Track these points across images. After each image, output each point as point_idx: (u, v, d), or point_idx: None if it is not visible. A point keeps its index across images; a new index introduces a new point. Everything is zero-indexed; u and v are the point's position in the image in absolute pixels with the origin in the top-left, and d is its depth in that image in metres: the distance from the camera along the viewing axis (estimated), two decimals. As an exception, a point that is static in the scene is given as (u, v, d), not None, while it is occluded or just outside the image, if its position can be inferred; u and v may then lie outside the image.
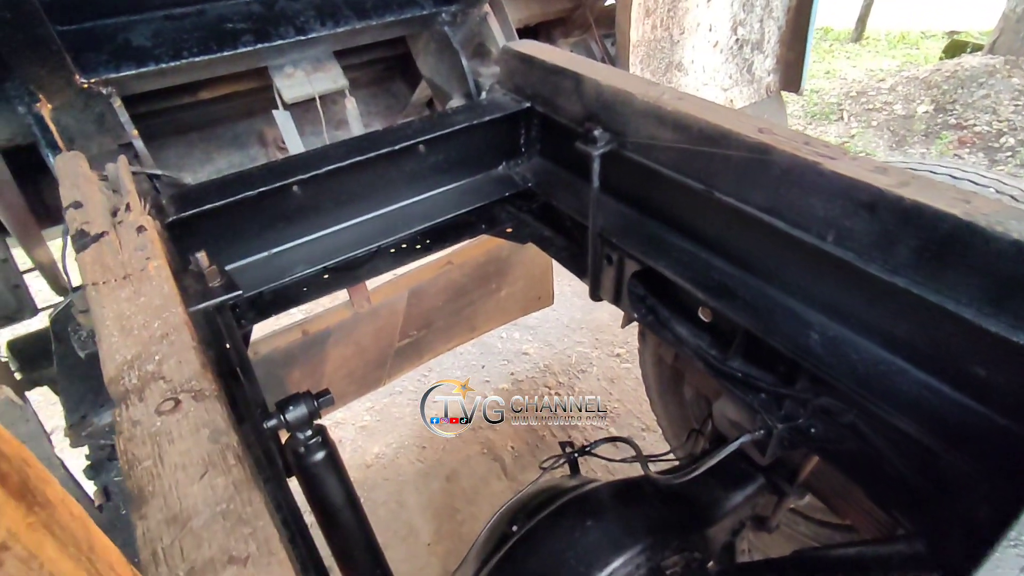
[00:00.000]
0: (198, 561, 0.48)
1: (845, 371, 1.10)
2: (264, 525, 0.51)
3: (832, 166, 0.99)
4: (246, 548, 0.49)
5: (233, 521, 0.51)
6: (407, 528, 2.39)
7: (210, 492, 0.54)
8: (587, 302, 3.61)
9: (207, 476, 0.55)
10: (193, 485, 0.55)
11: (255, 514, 0.52)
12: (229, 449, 0.58)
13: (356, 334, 2.38)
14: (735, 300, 1.29)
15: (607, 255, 1.59)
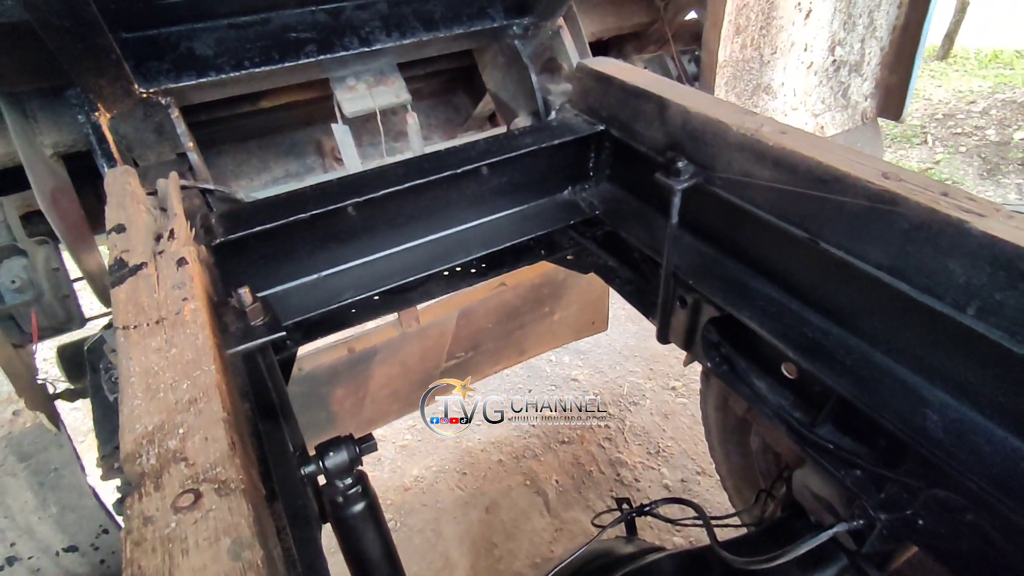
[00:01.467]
0: None
1: (974, 465, 0.93)
2: None
3: (983, 226, 0.82)
4: None
5: None
6: (443, 560, 2.29)
7: (223, 638, 0.43)
8: (642, 329, 3.44)
9: (222, 611, 0.44)
10: (204, 623, 0.44)
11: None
12: (252, 570, 0.47)
13: (402, 353, 2.30)
14: (832, 363, 1.12)
15: (680, 297, 1.44)
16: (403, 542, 2.34)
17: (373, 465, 2.65)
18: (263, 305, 0.92)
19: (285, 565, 0.63)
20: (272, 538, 0.58)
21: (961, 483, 0.97)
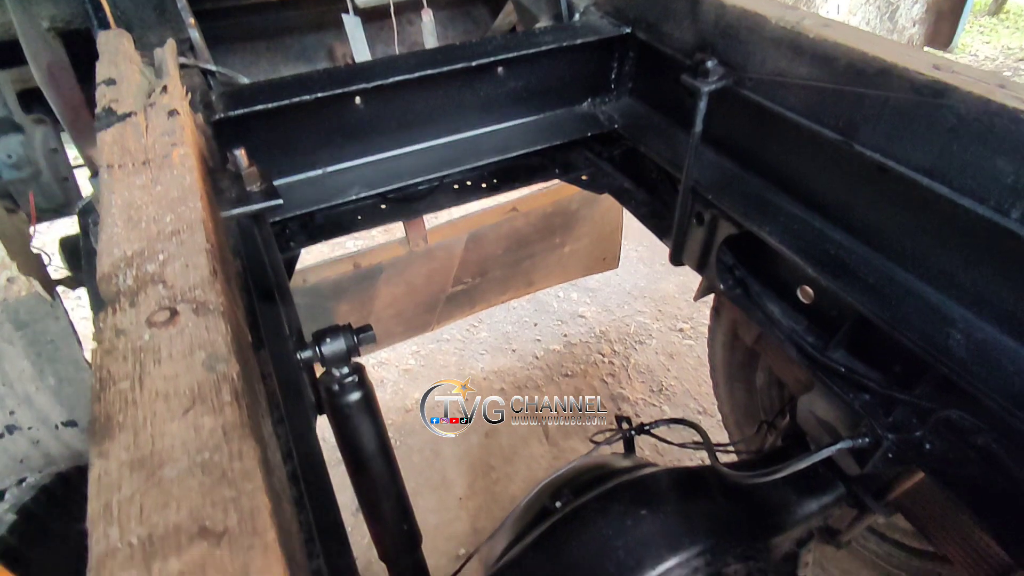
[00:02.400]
0: (159, 527, 0.35)
1: (995, 383, 0.89)
2: (253, 491, 0.38)
3: (1042, 116, 0.75)
4: (224, 519, 0.36)
5: (215, 478, 0.38)
6: (440, 479, 2.32)
7: (192, 434, 0.41)
8: (653, 269, 3.39)
9: (193, 412, 0.42)
10: (173, 421, 0.42)
11: (244, 474, 0.38)
12: (226, 382, 0.44)
13: (409, 273, 2.27)
14: (855, 281, 1.07)
15: (698, 213, 1.38)
16: (402, 459, 2.37)
17: (376, 386, 2.67)
18: (260, 172, 0.87)
19: (280, 451, 0.61)
20: (254, 372, 0.55)
21: (978, 403, 0.94)
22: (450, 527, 2.17)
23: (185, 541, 0.35)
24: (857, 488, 1.37)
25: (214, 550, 0.35)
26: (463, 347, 2.83)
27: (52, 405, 1.13)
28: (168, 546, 0.35)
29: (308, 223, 1.63)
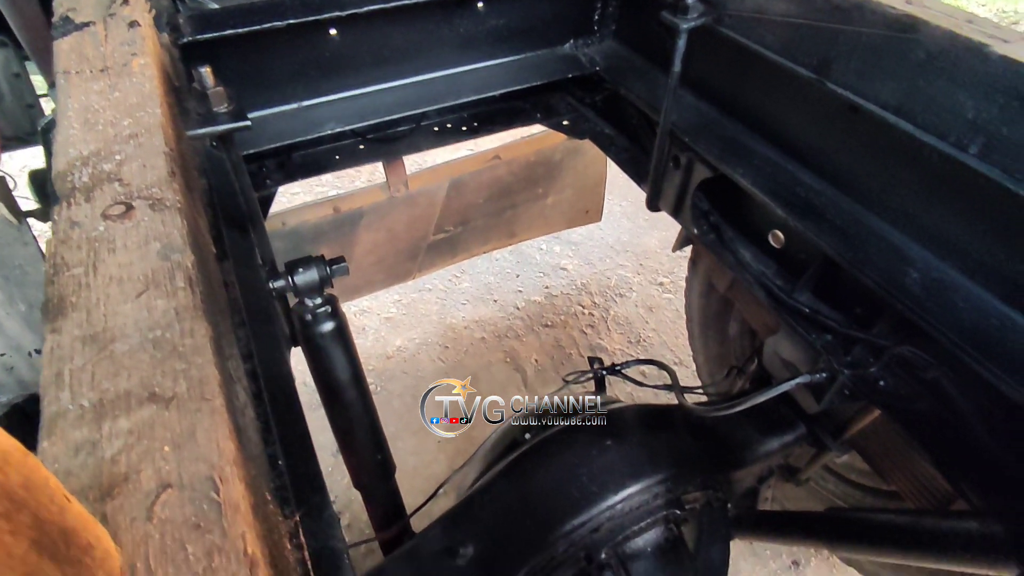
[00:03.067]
0: (110, 392, 0.37)
1: (946, 319, 0.92)
2: (203, 364, 0.39)
3: (1005, 51, 0.76)
4: (173, 387, 0.37)
5: (165, 352, 0.39)
6: (420, 423, 2.36)
7: (145, 314, 0.42)
8: (636, 224, 3.40)
9: (146, 296, 0.43)
10: (127, 303, 0.42)
11: (194, 349, 0.40)
12: (180, 270, 0.45)
13: (390, 219, 2.26)
14: (822, 222, 1.09)
15: (675, 156, 1.39)
16: (382, 404, 2.41)
17: (357, 334, 2.70)
18: (227, 93, 0.86)
19: (251, 383, 0.62)
20: (213, 274, 0.56)
21: (930, 340, 0.97)
22: (428, 468, 2.23)
23: (135, 404, 0.36)
24: (816, 427, 1.43)
25: (163, 412, 0.36)
26: (445, 296, 2.85)
27: (24, 331, 1.13)
28: (118, 408, 0.36)
29: (285, 162, 1.61)
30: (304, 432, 0.70)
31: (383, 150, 1.66)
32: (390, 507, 1.32)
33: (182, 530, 0.31)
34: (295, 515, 0.47)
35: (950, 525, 0.96)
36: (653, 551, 1.11)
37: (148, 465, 0.34)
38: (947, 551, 0.95)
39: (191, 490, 0.33)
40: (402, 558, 1.19)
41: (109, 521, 0.32)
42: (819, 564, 1.99)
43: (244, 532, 0.31)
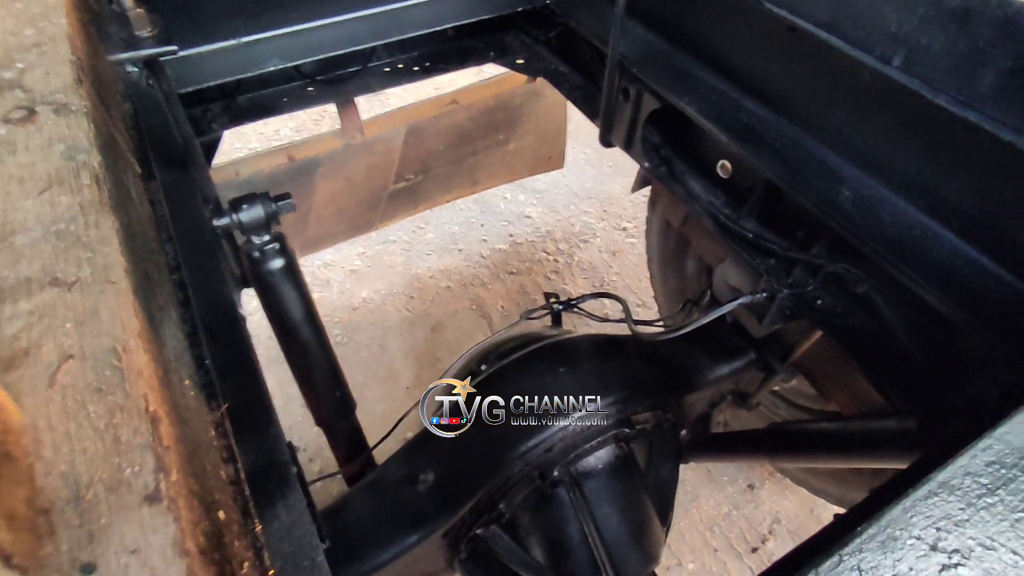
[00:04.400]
0: (9, 279, 0.37)
1: (874, 233, 0.96)
2: (109, 252, 0.39)
3: (924, -42, 0.77)
4: (77, 272, 0.38)
5: (69, 243, 0.39)
6: (387, 371, 2.40)
7: (48, 210, 0.42)
8: (601, 172, 3.40)
9: (49, 192, 0.43)
10: (28, 200, 0.42)
11: (100, 239, 0.40)
12: (86, 169, 0.45)
13: (347, 168, 2.22)
14: (762, 146, 1.12)
15: (624, 88, 1.39)
16: (350, 355, 2.43)
17: (322, 287, 2.68)
18: (152, 18, 0.83)
19: (178, 291, 0.62)
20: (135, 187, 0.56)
21: (861, 257, 1.01)
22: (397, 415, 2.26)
23: (36, 288, 0.37)
24: (764, 352, 1.49)
25: (65, 294, 0.37)
26: (410, 248, 2.84)
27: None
28: (19, 292, 0.36)
29: (230, 104, 1.56)
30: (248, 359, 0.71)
31: (333, 91, 1.62)
32: (352, 442, 1.35)
33: (84, 393, 0.33)
34: (220, 408, 0.48)
35: (873, 425, 1.03)
36: (604, 468, 1.16)
37: (50, 340, 0.35)
38: (871, 449, 1.02)
39: (93, 360, 0.34)
40: (365, 488, 1.23)
41: (11, 388, 0.33)
42: (772, 486, 2.11)
43: (147, 394, 0.33)
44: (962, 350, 0.94)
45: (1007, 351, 0.85)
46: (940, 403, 0.95)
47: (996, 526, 0.42)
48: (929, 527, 0.42)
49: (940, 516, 0.42)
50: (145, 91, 0.90)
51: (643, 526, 1.17)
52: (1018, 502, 0.43)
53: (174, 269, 0.57)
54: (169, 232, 0.61)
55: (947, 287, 0.90)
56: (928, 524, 0.42)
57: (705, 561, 1.93)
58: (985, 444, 0.47)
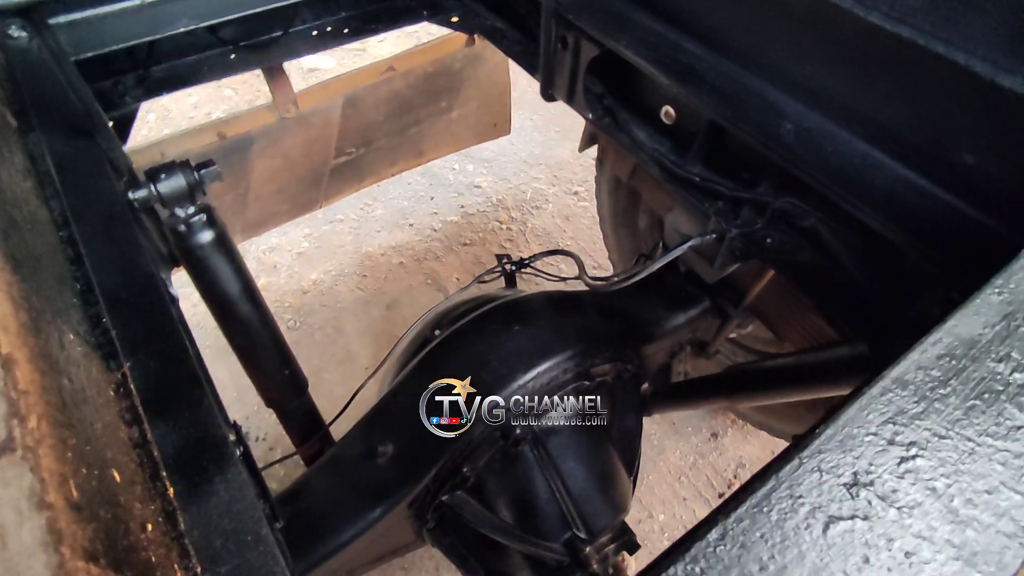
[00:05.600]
0: None
1: (817, 164, 0.96)
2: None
3: None
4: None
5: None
6: (344, 353, 2.33)
7: None
8: (548, 138, 3.37)
9: None
10: None
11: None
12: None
13: (284, 144, 2.12)
14: (703, 85, 1.10)
15: (562, 37, 1.35)
16: (303, 339, 2.35)
17: (269, 272, 2.57)
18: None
19: (69, 248, 0.55)
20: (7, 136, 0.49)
21: (806, 189, 1.01)
22: (358, 395, 2.21)
23: None
24: (718, 298, 1.50)
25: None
26: (358, 226, 2.75)
27: None
28: None
29: (144, 75, 1.45)
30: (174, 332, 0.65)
31: (256, 57, 1.52)
32: (307, 422, 1.30)
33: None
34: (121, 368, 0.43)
35: (826, 355, 1.05)
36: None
37: None
38: (825, 378, 1.04)
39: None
40: (324, 466, 1.18)
41: None
42: (735, 433, 2.16)
43: None
44: (907, 273, 0.96)
45: (949, 269, 0.86)
46: (888, 326, 0.97)
47: (950, 415, 0.41)
48: (885, 423, 0.41)
49: (895, 411, 0.42)
50: (35, 56, 0.81)
51: (610, 478, 1.16)
52: (969, 391, 0.43)
53: (62, 226, 0.51)
54: (56, 188, 0.54)
55: (890, 212, 0.91)
56: (884, 420, 0.41)
57: (675, 511, 1.97)
58: (935, 338, 0.46)
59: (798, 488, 0.38)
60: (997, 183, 0.84)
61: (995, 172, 0.84)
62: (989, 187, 0.85)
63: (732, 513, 0.37)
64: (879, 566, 0.36)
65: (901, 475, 0.39)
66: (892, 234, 0.90)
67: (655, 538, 1.92)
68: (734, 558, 0.35)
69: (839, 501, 0.38)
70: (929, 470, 0.39)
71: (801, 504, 0.37)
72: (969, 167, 0.86)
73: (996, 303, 0.49)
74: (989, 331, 0.47)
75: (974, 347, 0.45)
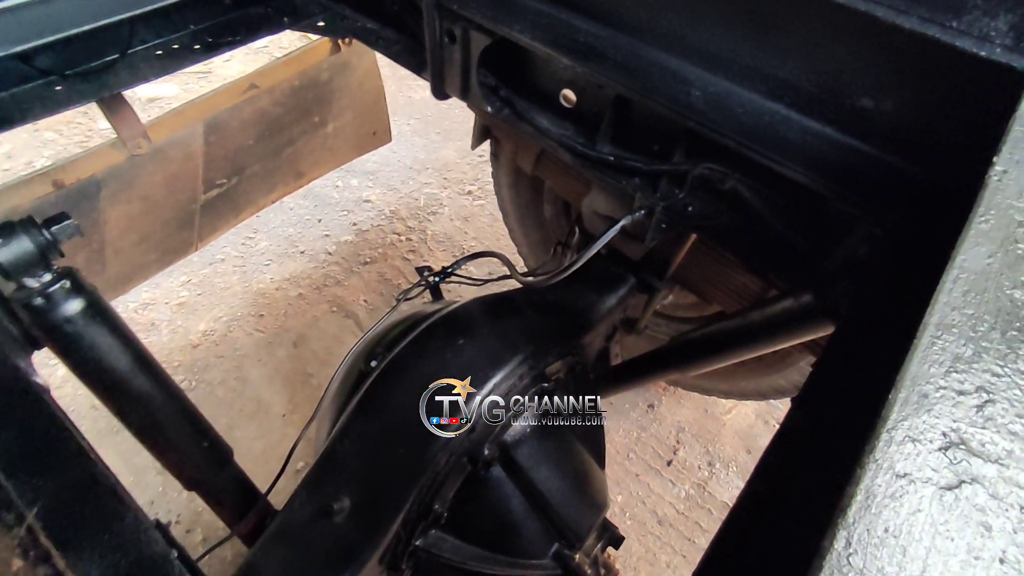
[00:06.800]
0: None
1: (731, 125, 0.97)
2: None
3: None
4: None
5: None
6: (254, 404, 2.10)
7: None
8: (431, 141, 3.27)
9: None
10: None
11: None
12: None
13: (140, 185, 1.85)
14: (605, 62, 1.08)
15: (448, 31, 1.27)
16: (204, 399, 2.09)
17: (147, 330, 2.26)
18: None
19: None
20: None
21: (721, 152, 1.02)
22: (280, 447, 2.01)
23: None
24: (643, 273, 1.51)
25: None
26: (243, 262, 2.50)
27: None
28: None
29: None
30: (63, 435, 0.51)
31: (90, 87, 1.29)
32: (240, 495, 1.13)
33: None
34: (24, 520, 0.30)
35: (771, 311, 1.07)
36: (532, 430, 1.09)
37: None
38: (776, 332, 1.06)
39: None
40: (270, 541, 1.03)
41: None
42: (668, 399, 2.22)
43: None
44: (828, 218, 1.00)
45: (868, 208, 0.90)
46: (822, 272, 1.00)
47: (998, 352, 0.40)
48: (948, 373, 0.39)
49: (952, 359, 0.39)
50: None
51: (584, 476, 1.12)
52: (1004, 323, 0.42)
53: None
54: None
55: (805, 162, 0.93)
56: (945, 371, 0.39)
57: (631, 488, 1.98)
58: (954, 276, 0.45)
59: (900, 466, 0.34)
60: (894, 122, 0.88)
61: (891, 111, 0.88)
62: (888, 127, 0.89)
63: (848, 512, 0.32)
64: (1000, 530, 0.33)
65: (983, 425, 0.36)
66: (810, 182, 0.92)
67: (618, 520, 1.92)
68: (869, 563, 0.31)
69: (940, 469, 0.34)
70: (1004, 414, 0.37)
71: (910, 483, 0.34)
72: (869, 110, 0.90)
73: (987, 231, 0.49)
74: (994, 260, 0.46)
75: (988, 278, 0.45)
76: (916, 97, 0.82)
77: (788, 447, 0.52)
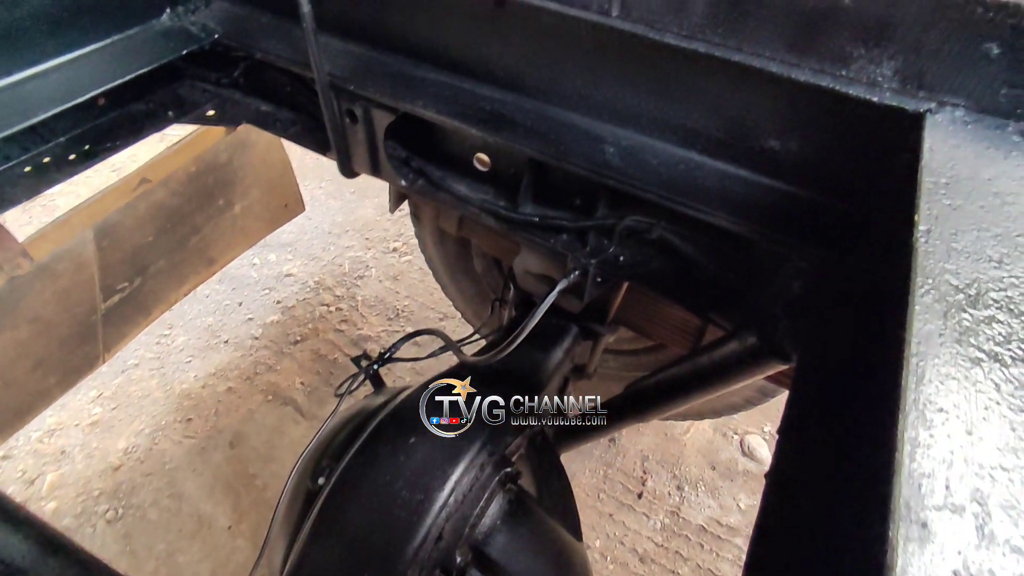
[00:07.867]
0: None
1: (648, 178, 0.97)
2: None
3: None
4: None
5: None
6: (195, 521, 1.91)
7: None
8: (346, 202, 3.18)
9: None
10: None
11: None
12: None
13: (26, 307, 1.67)
14: (516, 128, 1.06)
15: (348, 111, 1.23)
16: (135, 527, 1.88)
17: (56, 462, 2.02)
18: None
19: None
20: None
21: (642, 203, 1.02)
22: (230, 562, 1.83)
23: None
24: (585, 322, 1.50)
25: None
26: (161, 364, 2.30)
27: None
28: None
29: None
30: None
31: (-50, 221, 1.15)
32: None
33: None
34: None
35: (718, 354, 1.07)
36: (504, 520, 1.03)
37: None
38: (727, 374, 1.06)
39: None
40: None
41: None
42: (628, 431, 2.21)
43: None
44: (760, 256, 1.01)
45: (791, 244, 0.92)
46: (760, 310, 1.01)
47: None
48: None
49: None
50: None
51: (562, 555, 1.07)
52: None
53: None
54: None
55: (724, 205, 0.94)
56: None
57: (607, 529, 1.94)
58: (922, 284, 0.44)
59: None
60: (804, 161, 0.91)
61: (798, 151, 0.91)
62: (798, 165, 0.92)
63: None
64: None
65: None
66: (732, 226, 0.94)
67: (600, 565, 1.87)
68: None
69: None
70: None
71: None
72: (776, 151, 0.92)
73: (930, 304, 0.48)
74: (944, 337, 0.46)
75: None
76: (820, 138, 0.85)
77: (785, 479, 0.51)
